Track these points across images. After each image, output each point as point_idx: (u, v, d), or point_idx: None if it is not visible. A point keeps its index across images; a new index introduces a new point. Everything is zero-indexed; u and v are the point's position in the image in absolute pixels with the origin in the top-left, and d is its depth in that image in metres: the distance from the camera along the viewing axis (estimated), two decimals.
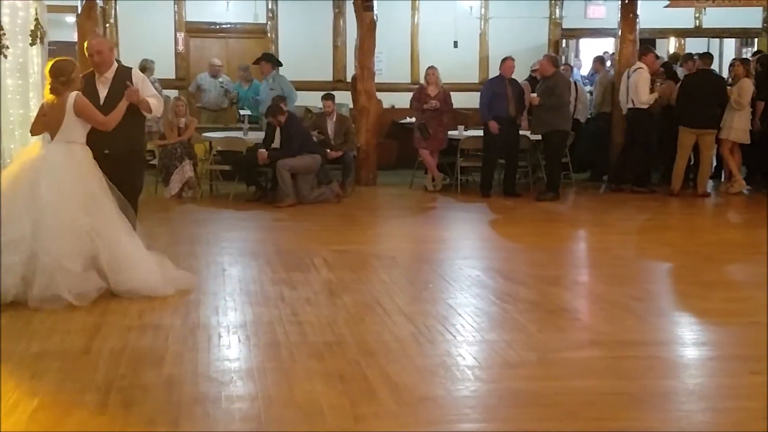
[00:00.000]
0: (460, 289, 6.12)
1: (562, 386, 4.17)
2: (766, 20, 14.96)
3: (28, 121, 6.28)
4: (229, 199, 10.43)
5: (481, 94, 11.04)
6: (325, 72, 14.36)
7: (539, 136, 10.87)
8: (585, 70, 15.14)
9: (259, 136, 10.66)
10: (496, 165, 11.12)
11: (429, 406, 3.92)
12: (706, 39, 15.73)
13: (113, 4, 13.47)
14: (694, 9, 14.78)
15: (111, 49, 6.50)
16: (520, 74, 11.78)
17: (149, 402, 3.90)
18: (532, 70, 12.41)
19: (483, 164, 11.07)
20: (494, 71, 11.95)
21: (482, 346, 4.83)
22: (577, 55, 16.39)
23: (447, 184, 11.55)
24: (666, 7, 12.92)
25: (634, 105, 11.07)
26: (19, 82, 8.63)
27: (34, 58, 8.80)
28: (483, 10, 14.88)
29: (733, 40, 16.44)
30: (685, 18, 15.01)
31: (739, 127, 10.92)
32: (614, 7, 12.67)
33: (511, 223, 9.43)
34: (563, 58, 14.69)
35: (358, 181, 11.70)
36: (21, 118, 8.52)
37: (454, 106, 11.49)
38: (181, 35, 14.30)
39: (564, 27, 15.21)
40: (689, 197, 10.90)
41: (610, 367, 4.50)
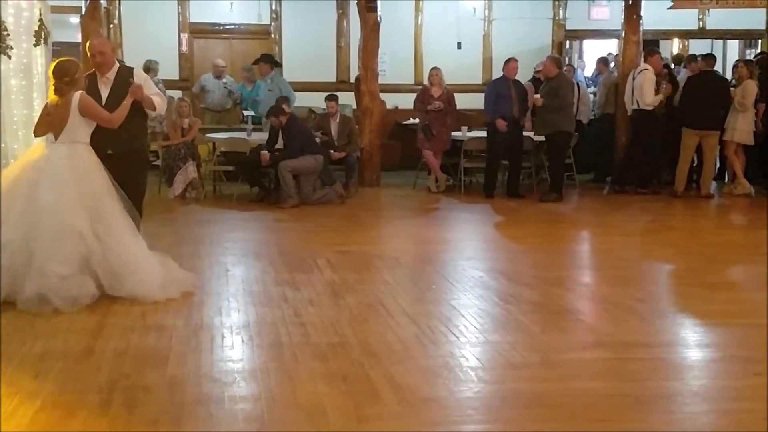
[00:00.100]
0: (464, 290, 6.11)
1: (566, 387, 4.17)
2: None
3: (31, 122, 6.28)
4: (233, 200, 10.44)
5: (485, 95, 11.05)
6: (328, 73, 14.37)
7: (543, 137, 10.87)
8: (588, 72, 15.14)
9: (262, 137, 10.67)
10: (499, 166, 11.12)
11: (432, 407, 3.91)
12: (710, 40, 15.71)
13: (117, 5, 13.49)
14: (697, 10, 14.78)
15: (113, 50, 6.51)
16: (524, 75, 11.78)
17: (152, 402, 3.90)
18: (535, 71, 12.41)
19: (486, 165, 11.08)
20: (497, 72, 11.96)
21: (485, 347, 4.83)
22: (581, 57, 16.39)
23: (450, 185, 11.54)
24: (670, 8, 12.90)
25: (639, 106, 11.07)
26: (23, 83, 8.62)
27: (38, 59, 8.79)
28: (486, 11, 14.90)
29: (737, 41, 16.44)
30: (688, 19, 15.01)
31: (743, 128, 10.92)
32: (618, 9, 12.66)
33: (515, 225, 9.43)
34: (566, 59, 14.69)
35: (361, 182, 11.70)
36: (25, 119, 8.51)
37: (458, 107, 11.49)
38: (184, 36, 14.32)
39: (567, 28, 15.22)
40: (692, 199, 10.90)
41: (613, 368, 4.50)
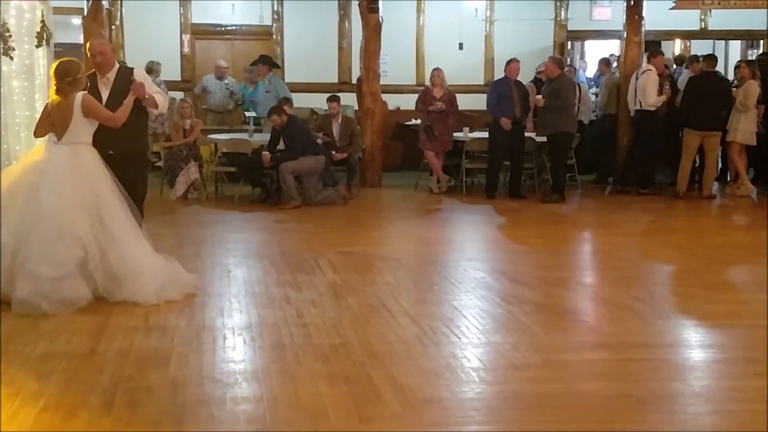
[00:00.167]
0: (465, 291, 6.11)
1: (568, 388, 4.17)
2: None
3: (34, 123, 6.28)
4: (235, 201, 10.44)
5: (487, 96, 11.05)
6: (330, 74, 14.37)
7: (544, 138, 10.87)
8: (590, 72, 15.14)
9: (264, 137, 10.67)
10: (501, 167, 11.12)
11: (434, 408, 3.91)
12: (712, 41, 15.69)
13: (119, 6, 13.52)
14: (699, 11, 14.76)
15: (112, 50, 6.51)
16: (525, 76, 11.78)
17: (154, 403, 3.90)
18: (537, 72, 12.41)
19: (488, 166, 11.08)
20: (499, 73, 11.97)
21: (487, 348, 4.83)
22: (583, 57, 16.39)
23: (452, 185, 11.54)
24: (671, 8, 12.89)
25: (642, 107, 11.06)
26: (25, 84, 8.64)
27: (40, 60, 8.81)
28: (488, 12, 14.90)
29: (739, 42, 16.42)
30: (690, 20, 15.00)
31: (746, 129, 10.91)
32: (620, 9, 12.66)
33: (516, 225, 9.43)
34: (568, 59, 14.70)
35: (363, 183, 11.70)
36: (27, 120, 8.53)
37: (460, 108, 11.49)
38: (186, 37, 14.33)
39: (569, 29, 15.21)
40: (694, 199, 10.90)
41: (615, 369, 4.50)
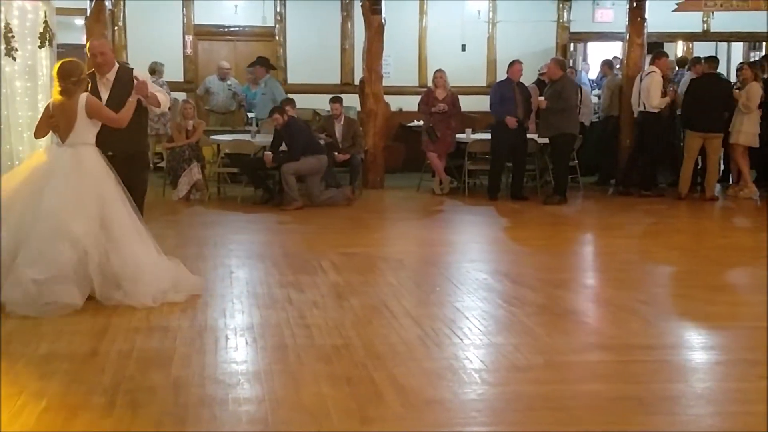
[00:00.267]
0: (467, 292, 6.11)
1: (570, 390, 4.17)
2: None
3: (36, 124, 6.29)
4: (237, 202, 10.44)
5: (490, 97, 11.05)
6: (332, 75, 14.39)
7: (546, 140, 10.86)
8: (593, 74, 15.13)
9: (267, 138, 10.67)
10: (503, 168, 11.12)
11: (436, 409, 3.91)
12: (714, 43, 15.69)
13: (122, 7, 13.53)
14: (702, 13, 14.77)
15: (113, 50, 6.50)
16: (528, 77, 11.78)
17: (156, 404, 3.90)
18: (539, 74, 12.41)
19: (490, 167, 11.07)
20: (502, 74, 11.97)
21: (489, 349, 4.83)
22: (585, 59, 16.39)
23: (454, 187, 11.54)
24: (674, 11, 12.90)
25: (645, 108, 11.05)
26: (28, 85, 8.64)
27: (43, 61, 8.80)
28: (491, 14, 14.90)
29: (741, 44, 16.42)
30: (693, 22, 15.01)
31: (749, 130, 10.90)
32: (622, 11, 12.66)
33: (519, 227, 9.42)
34: (571, 61, 14.70)
35: (365, 184, 11.70)
36: (29, 121, 8.51)
37: (462, 110, 11.49)
38: (189, 38, 14.35)
39: (572, 30, 15.22)
40: (696, 201, 10.90)
41: (617, 370, 4.50)
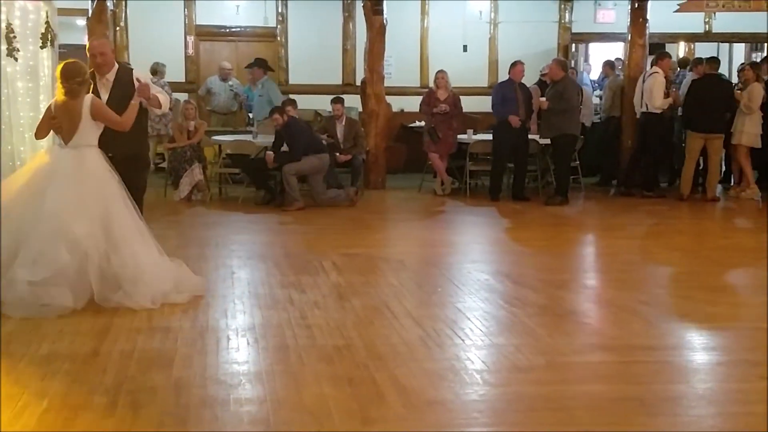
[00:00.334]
0: (469, 293, 6.11)
1: (571, 390, 4.17)
2: None
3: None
4: (239, 203, 10.45)
5: (491, 98, 11.05)
6: (334, 75, 14.39)
7: (548, 140, 10.86)
8: (595, 75, 15.13)
9: (268, 139, 10.67)
10: (505, 169, 11.12)
11: (437, 410, 3.91)
12: (716, 44, 15.67)
13: (123, 7, 13.52)
14: (703, 14, 14.77)
15: (113, 51, 6.49)
16: (530, 78, 11.77)
17: (158, 404, 3.91)
18: (541, 74, 12.41)
19: (492, 168, 11.07)
20: (503, 75, 11.97)
21: (491, 350, 4.83)
22: (587, 60, 16.37)
23: (456, 188, 11.54)
24: (676, 11, 12.89)
25: (648, 109, 11.05)
26: (30, 85, 8.63)
27: (45, 61, 8.80)
28: (492, 14, 14.90)
29: (743, 44, 16.42)
30: (694, 23, 15.00)
31: (751, 131, 10.90)
32: (624, 12, 12.65)
33: (520, 227, 9.42)
34: (572, 62, 14.69)
35: (367, 185, 11.69)
36: (31, 121, 8.51)
37: (464, 110, 11.49)
38: (191, 38, 14.35)
39: (573, 31, 15.21)
40: (698, 202, 10.89)
41: (618, 371, 4.50)
